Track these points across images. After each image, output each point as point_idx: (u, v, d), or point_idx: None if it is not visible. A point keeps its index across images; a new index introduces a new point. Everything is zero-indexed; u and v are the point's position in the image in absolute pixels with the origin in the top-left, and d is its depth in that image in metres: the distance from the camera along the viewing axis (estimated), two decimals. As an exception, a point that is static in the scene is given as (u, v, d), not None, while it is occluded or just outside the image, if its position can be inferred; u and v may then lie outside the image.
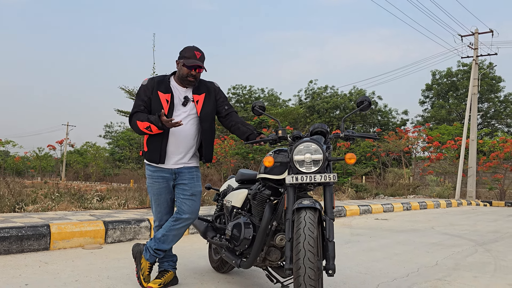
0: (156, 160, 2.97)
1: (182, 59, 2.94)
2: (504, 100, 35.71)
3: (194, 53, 2.93)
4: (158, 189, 3.02)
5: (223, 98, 3.14)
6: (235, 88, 42.54)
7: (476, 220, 9.16)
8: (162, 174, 3.00)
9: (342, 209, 8.90)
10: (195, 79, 2.96)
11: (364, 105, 2.75)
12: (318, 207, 2.36)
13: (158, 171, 3.01)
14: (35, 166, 35.17)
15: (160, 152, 2.95)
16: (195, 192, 3.00)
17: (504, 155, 18.67)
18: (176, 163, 3.00)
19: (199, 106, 3.00)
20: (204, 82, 3.11)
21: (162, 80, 3.01)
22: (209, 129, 3.05)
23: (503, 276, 3.68)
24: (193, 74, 2.93)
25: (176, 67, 3.03)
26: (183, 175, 3.00)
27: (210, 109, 3.05)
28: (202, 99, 3.03)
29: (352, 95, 37.08)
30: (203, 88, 3.06)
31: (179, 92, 3.00)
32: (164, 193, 3.04)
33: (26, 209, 6.06)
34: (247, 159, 16.80)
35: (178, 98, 2.98)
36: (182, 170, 3.00)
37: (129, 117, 2.99)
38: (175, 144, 2.98)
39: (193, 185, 3.00)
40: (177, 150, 2.99)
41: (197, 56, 2.93)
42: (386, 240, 5.63)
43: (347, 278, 3.47)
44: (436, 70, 38.10)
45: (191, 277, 3.36)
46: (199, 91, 3.04)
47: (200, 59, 2.94)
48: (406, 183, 18.14)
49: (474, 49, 19.50)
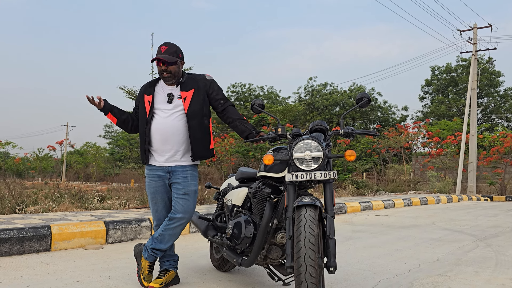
0: (143, 159, 3.03)
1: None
2: (504, 95, 35.68)
3: (159, 48, 2.91)
4: (154, 188, 3.03)
5: (217, 92, 3.06)
6: (234, 86, 42.48)
7: (477, 215, 9.16)
8: (157, 173, 3.01)
9: (343, 206, 8.90)
10: (169, 73, 2.92)
11: (364, 102, 2.74)
12: (319, 205, 2.35)
13: (153, 169, 3.03)
14: (36, 167, 35.20)
15: (144, 152, 3.01)
16: (188, 191, 2.97)
17: (504, 149, 18.66)
18: (167, 160, 2.98)
19: (187, 103, 2.95)
20: (193, 77, 3.03)
21: (152, 82, 3.09)
22: (198, 126, 2.96)
23: (504, 271, 3.68)
24: (163, 69, 2.91)
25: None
26: (176, 174, 2.98)
27: (199, 105, 2.97)
28: (190, 96, 2.96)
29: (352, 92, 37.04)
30: (192, 83, 2.99)
31: (165, 90, 3.00)
32: (160, 192, 3.04)
33: (26, 210, 6.06)
34: (248, 157, 16.79)
35: (162, 96, 2.99)
36: (176, 169, 2.98)
37: None
38: (160, 142, 2.97)
39: (186, 184, 2.98)
40: (164, 147, 2.97)
41: (161, 50, 2.88)
42: (387, 237, 5.63)
43: (348, 275, 3.47)
44: (436, 66, 38.10)
45: (192, 276, 3.36)
46: (187, 88, 2.98)
47: (166, 52, 2.87)
48: (406, 179, 18.14)
49: (473, 44, 19.48)
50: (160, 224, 3.08)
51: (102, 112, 3.07)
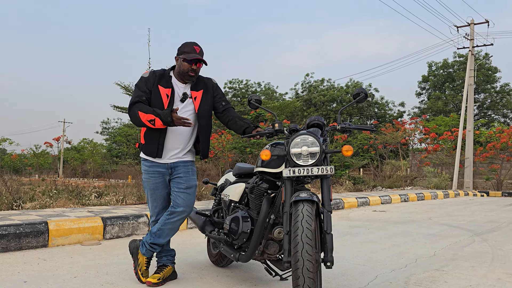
0: (154, 154, 2.97)
1: (182, 54, 2.94)
2: (500, 91, 35.74)
3: (194, 47, 2.94)
4: (154, 184, 3.03)
5: (221, 95, 3.16)
6: (231, 82, 42.43)
7: (474, 210, 9.20)
8: (158, 169, 3.01)
9: (340, 202, 8.92)
10: (195, 73, 2.96)
11: (361, 97, 2.75)
12: (316, 200, 2.36)
13: (154, 166, 3.01)
14: (33, 163, 35.12)
15: (158, 146, 2.95)
16: (190, 186, 3.01)
17: (500, 145, 18.71)
18: (171, 157, 3.01)
19: (197, 102, 3.01)
20: (202, 79, 3.12)
21: (163, 74, 3.01)
22: (206, 125, 3.06)
23: (500, 265, 3.70)
24: (194, 69, 2.93)
25: (176, 63, 3.02)
26: (178, 169, 3.01)
27: (207, 105, 3.06)
28: (200, 96, 3.04)
29: (349, 88, 37.04)
30: (201, 84, 3.08)
31: (178, 88, 3.01)
32: (160, 188, 3.04)
33: (23, 207, 6.04)
34: (245, 153, 16.78)
35: (177, 94, 2.99)
36: (178, 164, 3.01)
37: (129, 105, 2.94)
38: (172, 140, 2.99)
39: (188, 178, 3.01)
40: (174, 145, 3.00)
41: (196, 50, 2.94)
42: (384, 232, 5.65)
43: (346, 270, 3.48)
44: (433, 62, 38.10)
45: (190, 272, 3.37)
46: (197, 88, 3.05)
47: (200, 53, 2.96)
48: (403, 175, 18.19)
49: (470, 39, 19.49)
50: (158, 220, 3.07)
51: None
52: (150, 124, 2.84)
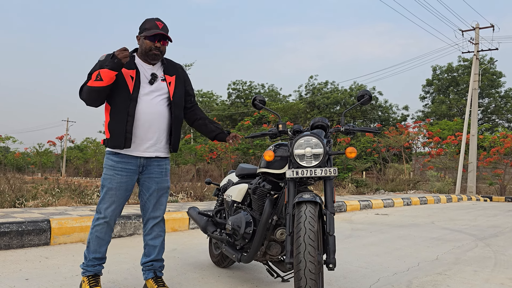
0: (121, 144, 2.55)
1: (143, 32, 2.62)
2: (505, 96, 35.65)
3: (156, 23, 2.62)
4: (118, 184, 2.61)
5: (190, 87, 2.90)
6: (235, 84, 42.45)
7: (477, 215, 9.16)
8: (127, 166, 2.62)
9: (342, 204, 8.91)
10: (160, 52, 2.64)
11: (365, 99, 2.74)
12: (319, 201, 2.35)
13: (122, 162, 2.61)
14: (36, 162, 35.22)
15: (125, 134, 2.55)
16: (162, 187, 2.74)
17: (504, 150, 18.63)
18: (145, 150, 2.65)
19: (172, 88, 2.71)
20: (173, 64, 2.83)
21: None
22: (179, 115, 2.78)
23: (503, 270, 3.68)
24: (158, 47, 2.61)
25: (138, 43, 2.71)
26: (150, 168, 2.69)
27: (181, 93, 2.78)
28: (174, 81, 2.74)
29: (353, 91, 37.02)
30: (173, 70, 2.78)
31: (145, 69, 2.67)
32: (122, 189, 2.63)
33: (26, 205, 6.06)
34: (248, 154, 16.78)
35: (143, 75, 2.65)
36: (151, 163, 2.69)
37: (79, 91, 2.61)
38: (143, 128, 2.61)
39: (160, 180, 2.73)
40: (146, 134, 2.63)
41: (159, 26, 2.61)
42: (386, 235, 5.64)
43: (348, 272, 3.47)
44: (437, 65, 38.06)
45: (191, 272, 3.36)
46: (170, 72, 2.75)
47: (163, 29, 2.63)
48: (406, 179, 18.14)
49: (475, 44, 19.43)
50: (108, 220, 2.64)
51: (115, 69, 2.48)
52: (98, 81, 2.44)
